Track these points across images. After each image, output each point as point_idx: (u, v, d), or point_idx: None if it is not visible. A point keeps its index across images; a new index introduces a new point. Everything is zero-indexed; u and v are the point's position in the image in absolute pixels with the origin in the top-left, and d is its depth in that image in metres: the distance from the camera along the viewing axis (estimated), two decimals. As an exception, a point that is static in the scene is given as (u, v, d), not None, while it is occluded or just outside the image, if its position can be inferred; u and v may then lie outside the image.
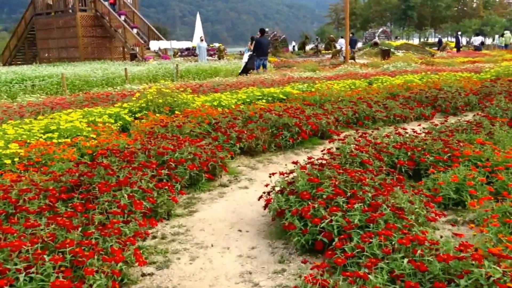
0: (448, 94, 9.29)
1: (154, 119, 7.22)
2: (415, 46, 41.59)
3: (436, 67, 16.02)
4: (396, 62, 17.06)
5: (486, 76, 12.32)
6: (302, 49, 44.35)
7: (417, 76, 12.67)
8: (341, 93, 9.91)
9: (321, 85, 11.31)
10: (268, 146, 6.53)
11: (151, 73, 16.85)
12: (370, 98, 9.42)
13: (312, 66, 18.20)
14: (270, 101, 9.78)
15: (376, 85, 11.71)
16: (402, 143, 5.37)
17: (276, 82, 12.32)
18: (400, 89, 10.84)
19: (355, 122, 8.08)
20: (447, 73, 12.89)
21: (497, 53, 25.36)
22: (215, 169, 5.33)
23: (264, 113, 7.44)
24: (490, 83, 10.50)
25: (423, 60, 20.81)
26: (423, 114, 8.51)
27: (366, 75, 13.49)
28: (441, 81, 11.41)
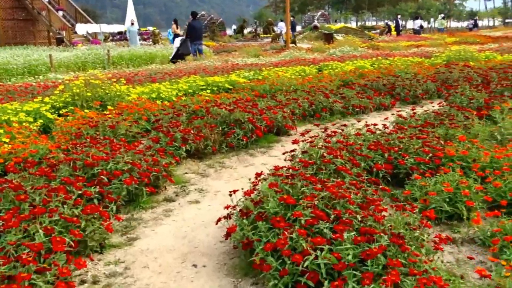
0: (406, 82, 8.88)
1: (82, 117, 6.19)
2: (354, 29, 41.90)
3: (383, 52, 15.80)
4: (342, 47, 16.69)
5: (437, 61, 12.14)
6: (240, 33, 43.55)
7: (367, 61, 12.27)
8: (293, 81, 9.24)
9: (269, 73, 10.60)
10: (219, 147, 5.73)
11: (80, 60, 15.41)
12: (323, 86, 8.83)
13: (254, 51, 17.45)
14: (215, 92, 8.94)
15: (327, 71, 11.17)
16: (376, 142, 4.75)
17: (220, 70, 11.46)
18: (353, 76, 10.36)
19: (311, 115, 7.44)
20: (397, 58, 12.60)
21: (439, 36, 25.86)
22: (158, 180, 4.46)
23: (212, 107, 6.61)
24: (445, 69, 10.25)
25: (368, 44, 20.67)
26: (383, 103, 8.02)
27: (314, 61, 12.94)
28: (394, 67, 11.05)
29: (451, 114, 6.02)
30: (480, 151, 4.46)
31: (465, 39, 22.06)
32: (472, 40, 21.71)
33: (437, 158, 4.45)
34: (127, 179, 3.96)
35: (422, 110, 6.85)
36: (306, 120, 7.32)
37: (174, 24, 21.68)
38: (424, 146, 4.64)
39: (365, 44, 20.48)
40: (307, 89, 8.53)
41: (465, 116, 5.96)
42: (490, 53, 12.80)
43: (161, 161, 4.58)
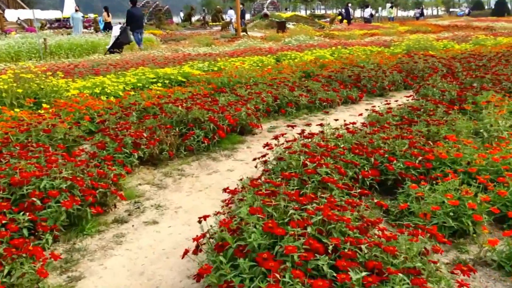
0: (372, 73, 8.46)
1: (12, 118, 5.30)
2: (305, 18, 41.75)
3: (340, 41, 15.44)
4: (297, 36, 16.21)
5: (397, 51, 11.87)
6: (188, 21, 42.37)
7: (326, 51, 11.83)
8: (252, 73, 8.62)
9: (225, 63, 9.93)
10: (177, 151, 5.04)
11: (13, 50, 14.09)
12: (285, 78, 8.27)
13: (206, 40, 16.66)
14: (168, 85, 8.18)
15: (286, 62, 10.63)
16: (359, 145, 4.22)
17: (171, 60, 10.66)
18: (314, 66, 9.86)
19: (276, 110, 6.85)
20: (356, 47, 12.24)
21: (391, 25, 25.95)
22: (106, 197, 3.73)
23: (166, 105, 5.88)
24: (408, 59, 9.94)
25: (322, 33, 20.32)
26: (350, 96, 7.55)
27: (271, 50, 12.37)
28: (356, 57, 10.64)
29: (430, 110, 5.60)
30: (473, 153, 4.03)
31: (417, 28, 22.19)
32: (424, 29, 21.86)
33: (428, 162, 3.98)
34: (66, 201, 3.21)
35: (395, 104, 6.41)
36: (271, 116, 6.72)
37: (105, 11, 20.54)
38: (411, 147, 4.15)
39: (319, 33, 20.12)
40: (268, 82, 7.92)
41: (446, 111, 5.56)
42: (448, 42, 12.70)
43: (109, 173, 3.84)
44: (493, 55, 10.26)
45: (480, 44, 12.68)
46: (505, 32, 16.18)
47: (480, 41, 12.91)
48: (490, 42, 12.75)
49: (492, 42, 12.76)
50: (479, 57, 10.09)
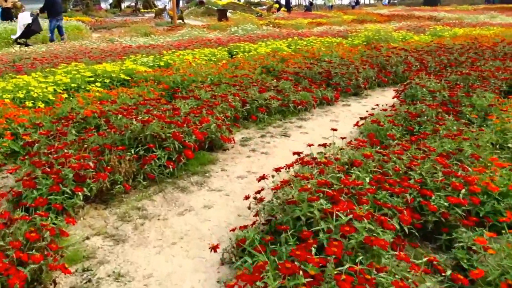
0: (343, 69, 7.58)
1: None
2: (242, 5, 40.71)
3: (290, 30, 14.54)
4: (244, 25, 15.12)
5: (357, 42, 11.13)
6: (118, 7, 40.06)
7: (282, 42, 10.85)
8: (208, 70, 7.47)
9: (172, 57, 8.70)
10: (133, 179, 3.86)
11: None
12: (247, 76, 7.21)
13: (144, 29, 15.17)
14: (108, 86, 6.87)
15: (241, 55, 9.55)
16: (384, 177, 3.26)
17: (108, 54, 9.25)
18: (273, 60, 8.85)
19: (246, 117, 5.78)
20: (313, 38, 11.36)
21: (335, 14, 25.46)
22: (41, 272, 2.53)
23: (114, 116, 4.65)
24: (376, 52, 9.19)
25: (266, 21, 19.34)
26: (325, 97, 6.62)
27: (220, 42, 11.21)
28: (317, 49, 9.74)
29: (439, 118, 4.78)
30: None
31: (363, 17, 21.79)
32: (370, 18, 21.48)
33: (473, 195, 3.10)
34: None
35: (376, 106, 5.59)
36: (240, 124, 5.64)
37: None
38: (448, 176, 3.25)
39: (263, 22, 19.12)
40: (231, 81, 6.83)
41: (456, 119, 4.76)
42: (406, 33, 12.15)
43: (45, 236, 2.62)
44: (459, 48, 9.76)
45: (438, 35, 12.26)
46: (457, 23, 16.03)
47: (438, 32, 12.50)
48: (448, 33, 12.36)
49: (450, 33, 12.38)
50: (447, 50, 9.53)
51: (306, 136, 5.34)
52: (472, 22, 16.15)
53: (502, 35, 11.89)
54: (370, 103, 6.81)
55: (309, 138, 5.26)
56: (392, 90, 7.62)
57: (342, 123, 5.86)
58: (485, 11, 24.17)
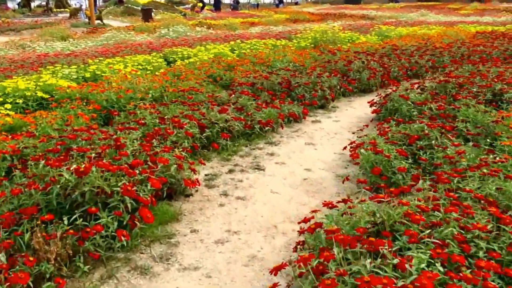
0: (305, 78, 6.65)
1: None
2: (164, 4, 39.03)
3: (227, 32, 13.48)
4: (175, 26, 13.83)
5: (304, 44, 10.29)
6: (27, 7, 36.89)
7: (224, 46, 9.78)
8: (148, 83, 6.26)
9: (100, 67, 7.37)
10: (69, 263, 2.65)
11: None
12: (195, 90, 6.11)
13: (61, 32, 13.42)
14: (22, 107, 5.49)
15: (180, 62, 8.36)
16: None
17: (19, 64, 7.71)
18: (219, 68, 7.78)
19: (206, 145, 4.67)
20: (256, 41, 10.39)
21: (266, 13, 24.66)
22: None
23: (34, 165, 3.37)
24: (332, 56, 8.37)
25: (196, 22, 18.10)
26: (293, 114, 5.65)
27: (153, 46, 9.93)
28: (268, 55, 8.78)
29: (453, 144, 3.96)
30: None
31: (295, 17, 21.16)
32: (303, 17, 20.91)
33: None
34: None
35: (350, 123, 4.71)
36: (199, 154, 4.53)
37: None
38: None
39: (193, 22, 17.88)
40: (176, 96, 5.70)
41: (475, 145, 3.98)
42: (352, 34, 11.53)
43: None
44: (415, 49, 9.22)
45: (384, 35, 11.76)
46: (394, 22, 15.76)
47: (383, 32, 12.01)
48: (394, 33, 11.91)
49: (395, 33, 11.93)
50: (403, 52, 8.95)
51: (284, 168, 4.34)
52: (409, 21, 16.01)
53: (448, 35, 11.61)
54: (342, 118, 5.97)
55: (288, 171, 4.26)
56: (360, 101, 6.87)
57: (320, 146, 4.93)
58: (413, 9, 24.53)
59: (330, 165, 4.40)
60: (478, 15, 19.51)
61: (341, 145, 4.93)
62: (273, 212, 3.49)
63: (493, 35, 11.67)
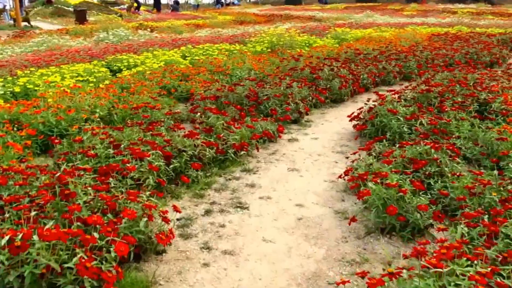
0: (273, 88, 5.96)
1: None
2: (97, 5, 37.22)
3: (174, 36, 12.57)
4: (116, 29, 12.74)
5: (260, 49, 9.62)
6: None
7: (174, 52, 8.93)
8: (93, 99, 5.36)
9: (33, 80, 6.35)
10: None
11: None
12: (150, 106, 5.30)
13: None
14: None
15: (127, 72, 7.46)
16: None
17: None
18: (173, 78, 6.97)
19: (173, 178, 3.87)
20: (208, 45, 9.61)
21: (210, 14, 23.80)
22: None
23: None
24: (294, 62, 7.74)
25: (136, 24, 16.98)
26: (267, 133, 4.95)
27: (93, 54, 8.91)
28: (225, 62, 8.03)
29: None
30: None
31: (242, 18, 20.48)
32: (249, 19, 20.27)
33: None
34: None
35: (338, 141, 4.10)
36: (166, 191, 3.73)
37: None
38: None
39: (132, 24, 16.76)
40: (127, 115, 4.87)
41: (500, 172, 3.45)
42: (308, 37, 11.00)
43: None
44: (378, 54, 8.81)
45: (340, 38, 11.32)
46: (344, 23, 15.38)
47: (339, 35, 11.57)
48: (351, 36, 11.50)
49: (352, 36, 11.52)
50: (366, 57, 8.50)
51: (271, 205, 3.63)
52: (359, 23, 15.77)
53: (404, 37, 11.36)
54: (320, 135, 5.34)
55: (278, 209, 3.56)
56: (334, 112, 6.29)
57: (306, 173, 4.26)
58: (357, 10, 24.55)
59: (324, 198, 3.74)
60: (422, 16, 19.68)
61: (328, 170, 4.30)
62: (273, 271, 2.78)
63: (448, 37, 11.54)
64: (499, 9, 25.95)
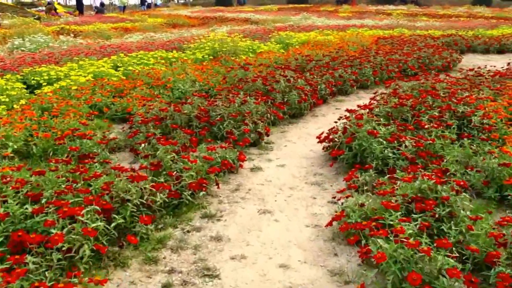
0: (228, 107, 5.15)
1: None
2: (12, 6, 34.63)
3: (97, 41, 11.39)
4: (34, 35, 11.36)
5: (201, 56, 8.76)
6: None
7: (103, 62, 7.87)
8: (5, 129, 4.31)
9: None
10: None
11: None
12: (82, 135, 4.35)
13: None
14: None
15: (48, 88, 6.35)
16: None
17: None
18: (105, 94, 6.02)
19: (97, 252, 2.98)
20: (141, 53, 8.62)
21: (138, 16, 22.44)
22: None
23: None
24: (242, 72, 6.96)
25: (56, 27, 15.50)
26: (227, 164, 4.14)
27: (5, 66, 7.64)
28: (166, 73, 7.10)
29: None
30: None
31: (174, 21, 19.37)
32: (182, 21, 19.19)
33: None
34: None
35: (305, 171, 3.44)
36: (106, 260, 2.83)
37: None
38: None
39: (52, 28, 15.28)
40: (50, 146, 3.89)
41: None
42: (251, 42, 10.26)
43: None
44: (330, 60, 8.24)
45: (285, 43, 10.68)
46: (286, 27, 14.74)
47: (283, 39, 10.92)
48: (296, 40, 10.90)
49: (297, 40, 10.92)
50: (318, 64, 7.91)
51: (248, 268, 2.85)
52: (300, 25, 15.25)
53: (351, 41, 10.93)
54: (286, 160, 4.62)
55: (257, 274, 2.79)
56: (296, 130, 5.59)
57: (281, 215, 3.51)
58: (292, 12, 24.18)
59: (312, 253, 3.01)
60: (358, 18, 19.58)
61: (307, 210, 3.58)
62: None
63: (395, 40, 11.26)
64: (430, 10, 26.66)
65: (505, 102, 5.31)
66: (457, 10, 26.64)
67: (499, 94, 5.80)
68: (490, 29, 14.76)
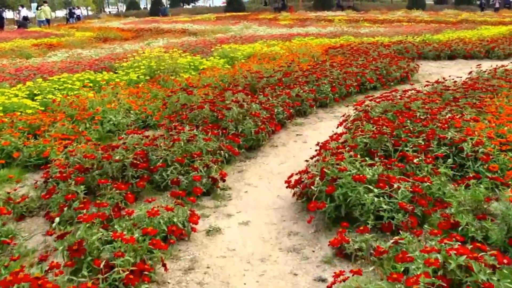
0: (171, 147, 4.19)
1: None
2: None
3: (15, 61, 10.03)
4: None
5: (135, 77, 7.68)
6: None
7: (17, 90, 6.65)
8: None
9: None
10: None
11: None
12: None
13: None
14: None
15: None
16: None
17: None
18: (15, 135, 4.87)
19: None
20: (65, 76, 7.43)
21: (65, 31, 20.78)
22: None
23: None
24: (186, 97, 5.97)
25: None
26: (177, 231, 3.16)
27: None
28: (91, 101, 6.01)
29: None
30: None
31: (104, 34, 17.96)
32: (114, 35, 17.85)
33: None
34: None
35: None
36: None
37: None
38: None
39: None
40: None
41: None
42: (192, 58, 9.27)
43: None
44: (282, 76, 7.42)
45: (230, 57, 9.72)
46: (227, 38, 13.83)
47: (227, 52, 9.90)
48: (241, 53, 10.00)
49: (242, 54, 10.02)
50: (272, 82, 7.08)
51: None
52: (242, 36, 14.43)
53: (300, 52, 10.21)
54: (250, 214, 3.70)
55: None
56: (255, 169, 4.67)
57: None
58: (231, 21, 23.36)
59: None
60: (301, 26, 19.01)
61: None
62: None
63: (345, 49, 10.65)
64: (369, 15, 26.70)
65: (493, 124, 4.67)
66: (396, 15, 26.83)
67: (481, 112, 5.17)
68: (436, 34, 14.56)
